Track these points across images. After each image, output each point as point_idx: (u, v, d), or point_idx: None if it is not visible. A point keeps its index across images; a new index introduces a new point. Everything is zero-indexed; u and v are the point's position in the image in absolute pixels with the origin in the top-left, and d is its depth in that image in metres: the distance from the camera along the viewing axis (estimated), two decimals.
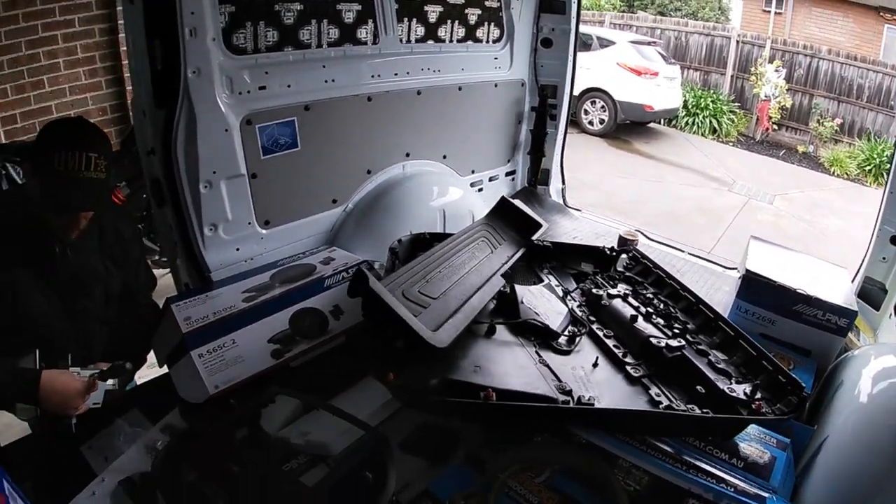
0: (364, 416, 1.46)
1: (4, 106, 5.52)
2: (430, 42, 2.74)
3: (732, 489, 1.30)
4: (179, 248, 2.24)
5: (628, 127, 10.96)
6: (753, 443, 1.48)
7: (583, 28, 11.07)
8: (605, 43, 10.89)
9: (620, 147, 10.39)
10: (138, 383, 2.17)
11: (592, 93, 10.52)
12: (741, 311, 2.00)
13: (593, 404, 1.39)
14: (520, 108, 3.22)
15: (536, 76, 3.22)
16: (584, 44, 10.73)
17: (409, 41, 2.65)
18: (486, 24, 2.95)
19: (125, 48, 5.81)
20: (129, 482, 1.52)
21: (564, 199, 3.52)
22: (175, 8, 1.96)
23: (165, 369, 1.89)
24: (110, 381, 1.87)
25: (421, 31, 2.69)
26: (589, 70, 10.09)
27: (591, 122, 10.73)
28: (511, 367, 1.50)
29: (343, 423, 1.46)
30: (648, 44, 11.42)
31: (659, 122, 11.85)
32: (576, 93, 10.44)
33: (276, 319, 1.81)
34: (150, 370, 2.13)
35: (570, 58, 3.23)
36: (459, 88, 2.84)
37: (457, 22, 2.83)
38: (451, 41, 2.82)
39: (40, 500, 1.46)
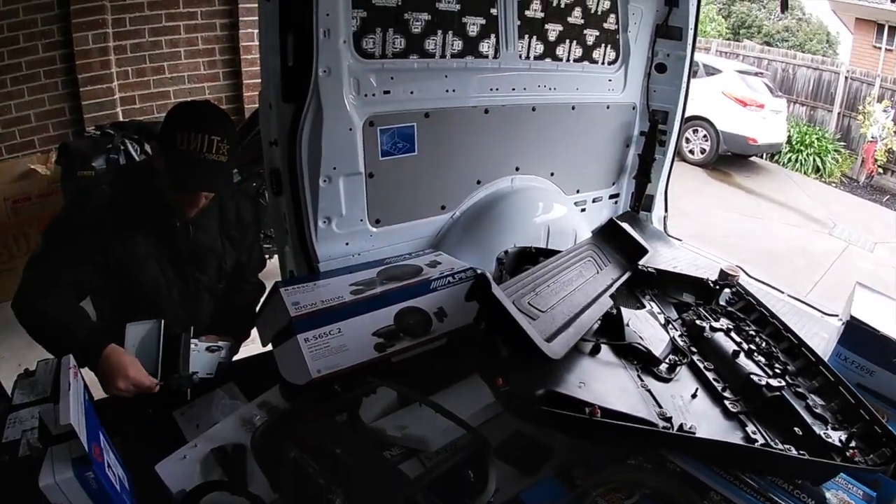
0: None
1: (125, 87, 5.88)
2: (548, 60, 2.77)
3: None
4: (290, 237, 2.33)
5: (729, 159, 10.67)
6: (840, 492, 1.45)
7: None
8: (711, 71, 10.63)
9: (720, 179, 10.12)
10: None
11: (695, 121, 10.22)
12: (841, 357, 1.91)
13: (694, 433, 1.39)
14: (629, 132, 3.20)
15: (648, 101, 3.19)
16: None
17: (528, 57, 2.69)
18: (602, 45, 2.96)
19: (244, 44, 6.12)
20: (222, 451, 1.61)
21: (665, 228, 3.47)
22: (311, 8, 2.05)
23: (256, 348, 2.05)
24: (222, 353, 1.98)
25: (540, 48, 2.72)
26: (693, 97, 9.94)
27: (691, 151, 10.48)
28: (614, 387, 1.51)
29: (441, 421, 1.48)
30: (755, 74, 11.09)
31: (761, 157, 11.49)
32: None
33: (382, 315, 1.87)
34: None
35: (684, 85, 3.19)
36: (573, 108, 2.85)
37: (575, 42, 2.85)
38: (567, 60, 2.84)
39: (128, 457, 1.55)
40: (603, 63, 2.99)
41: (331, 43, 2.13)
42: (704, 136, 10.35)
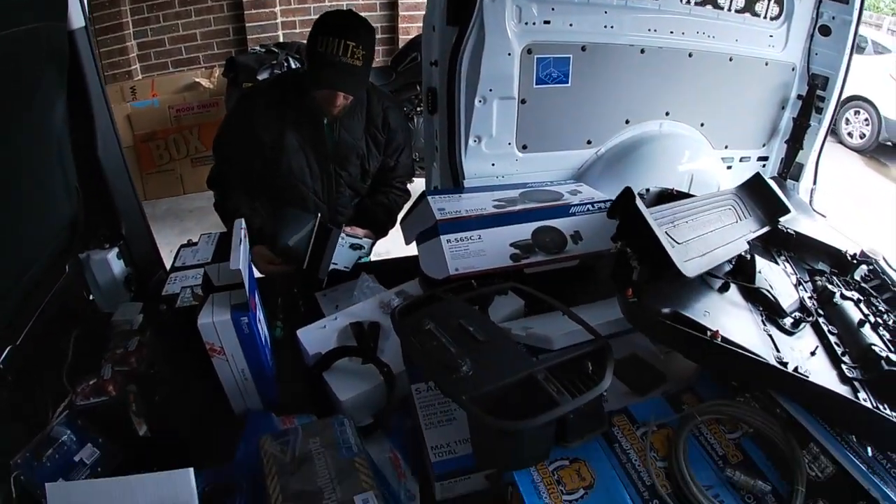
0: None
1: (286, 12, 6.38)
2: (710, 7, 2.68)
3: None
4: (440, 153, 2.48)
5: (890, 150, 9.61)
6: None
7: (860, 28, 9.95)
8: (880, 49, 9.70)
9: (877, 169, 9.20)
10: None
11: (857, 101, 9.44)
12: None
13: (808, 377, 1.40)
14: (786, 93, 3.05)
15: (809, 63, 3.02)
16: (858, 46, 9.66)
17: (688, 2, 2.63)
18: None
19: None
20: (359, 325, 1.80)
21: (812, 201, 3.27)
22: None
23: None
24: (363, 252, 2.18)
25: None
26: (858, 76, 9.21)
27: (850, 134, 9.66)
28: (737, 324, 1.55)
29: (565, 325, 1.61)
30: None
31: None
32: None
33: (520, 229, 2.00)
34: None
35: (847, 51, 2.97)
36: (730, 59, 2.78)
37: None
38: (729, 9, 2.75)
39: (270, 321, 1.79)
40: (765, 17, 2.86)
41: None
42: (866, 119, 9.50)
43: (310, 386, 1.68)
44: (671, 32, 2.59)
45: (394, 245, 2.48)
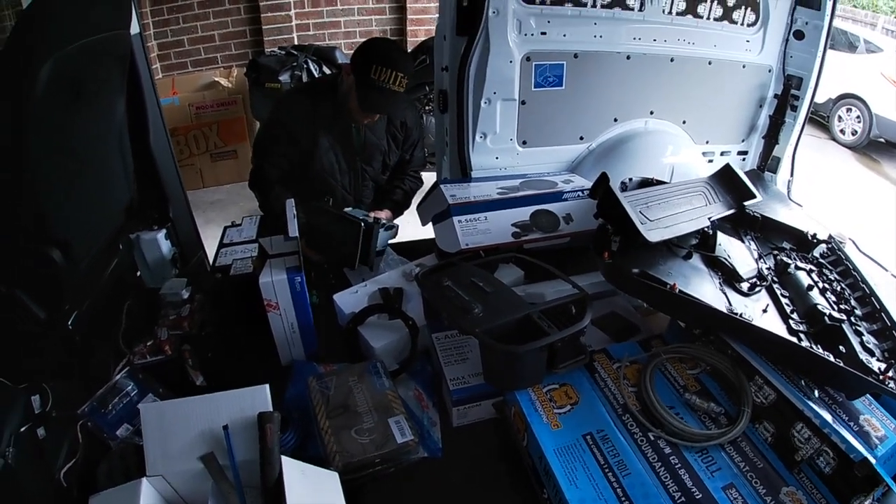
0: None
1: (301, 15, 6.69)
2: (690, 16, 2.95)
3: (839, 430, 1.42)
4: (450, 148, 2.78)
5: (882, 147, 9.70)
6: (874, 419, 1.59)
7: (852, 28, 10.10)
8: (872, 48, 9.84)
9: (868, 165, 9.33)
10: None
11: (849, 99, 9.63)
12: None
13: (751, 321, 1.70)
14: (763, 93, 3.29)
15: (784, 65, 3.24)
16: (851, 45, 9.90)
17: (670, 13, 2.90)
18: (742, 7, 3.07)
19: None
20: (385, 291, 2.12)
21: (789, 192, 3.48)
22: None
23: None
24: (393, 231, 2.47)
25: (682, 5, 2.91)
26: (850, 74, 9.41)
27: (842, 131, 9.83)
28: (696, 284, 1.84)
29: (556, 285, 1.98)
30: None
31: None
32: (832, 95, 9.18)
33: (520, 212, 2.31)
34: None
35: (820, 54, 3.18)
36: (709, 63, 3.04)
37: (716, 1, 3.00)
38: (708, 18, 3.01)
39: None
40: (742, 24, 3.10)
41: None
42: (857, 117, 9.66)
43: (346, 338, 2.00)
44: (654, 40, 2.88)
45: (410, 229, 2.76)
